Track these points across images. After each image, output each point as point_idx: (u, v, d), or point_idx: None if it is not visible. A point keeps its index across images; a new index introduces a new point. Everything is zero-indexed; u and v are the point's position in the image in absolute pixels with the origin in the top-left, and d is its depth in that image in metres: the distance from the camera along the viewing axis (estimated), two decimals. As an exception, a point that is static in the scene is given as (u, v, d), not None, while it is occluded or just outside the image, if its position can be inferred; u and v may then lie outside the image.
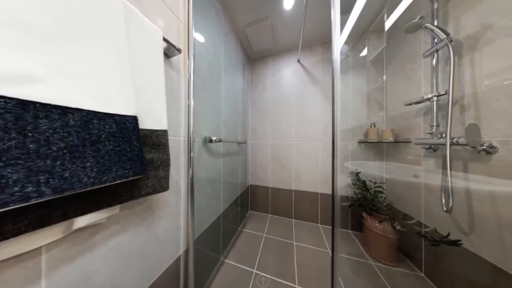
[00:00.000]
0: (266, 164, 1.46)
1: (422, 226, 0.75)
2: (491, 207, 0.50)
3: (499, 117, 0.48)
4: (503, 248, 0.47)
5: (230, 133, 0.99)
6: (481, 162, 0.52)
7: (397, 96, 0.93)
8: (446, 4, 0.64)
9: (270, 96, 1.47)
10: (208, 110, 0.72)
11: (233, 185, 1.07)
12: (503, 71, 0.47)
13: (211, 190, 0.74)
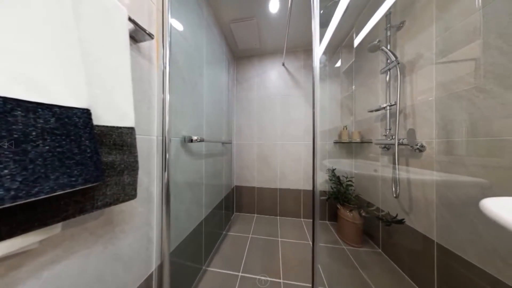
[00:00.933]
0: (252, 164, 1.47)
1: (379, 211, 0.92)
2: (421, 191, 0.67)
3: (426, 124, 0.65)
4: (429, 222, 0.64)
5: (213, 132, 0.94)
6: (416, 158, 0.69)
7: (363, 104, 1.11)
8: (395, 34, 0.81)
9: (256, 96, 1.48)
10: (187, 106, 0.65)
11: (217, 188, 1.02)
12: (428, 90, 0.64)
13: (191, 194, 0.68)
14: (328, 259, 0.92)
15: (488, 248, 0.46)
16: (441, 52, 0.60)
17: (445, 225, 0.59)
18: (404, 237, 0.77)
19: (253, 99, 1.49)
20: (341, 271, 0.82)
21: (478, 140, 0.49)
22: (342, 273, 0.80)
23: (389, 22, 0.83)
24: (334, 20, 0.96)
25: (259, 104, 1.48)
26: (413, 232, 0.71)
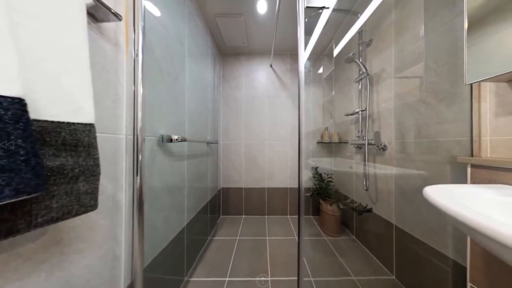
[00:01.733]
0: (239, 164, 1.45)
1: (353, 203, 1.06)
2: (384, 183, 0.81)
3: (388, 127, 0.79)
4: (390, 209, 0.77)
5: (197, 131, 0.88)
6: (381, 155, 0.83)
7: (341, 108, 1.26)
8: (365, 49, 0.95)
9: (244, 96, 1.47)
10: (166, 102, 0.59)
11: (202, 191, 0.96)
12: (389, 99, 0.78)
13: (171, 200, 0.62)
14: (312, 251, 1.00)
15: (428, 227, 0.60)
16: (398, 68, 0.74)
17: (400, 210, 0.72)
18: (372, 223, 0.91)
19: (240, 98, 1.47)
20: (322, 260, 0.91)
21: (421, 141, 0.63)
22: (324, 262, 0.89)
23: (361, 38, 0.97)
24: (317, 30, 1.06)
25: (247, 103, 1.47)
26: (379, 219, 0.84)
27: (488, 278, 0.41)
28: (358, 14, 0.92)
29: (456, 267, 0.49)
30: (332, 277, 0.79)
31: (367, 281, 0.75)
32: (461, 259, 0.48)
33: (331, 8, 0.75)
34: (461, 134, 0.48)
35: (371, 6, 0.81)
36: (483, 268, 0.42)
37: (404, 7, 0.71)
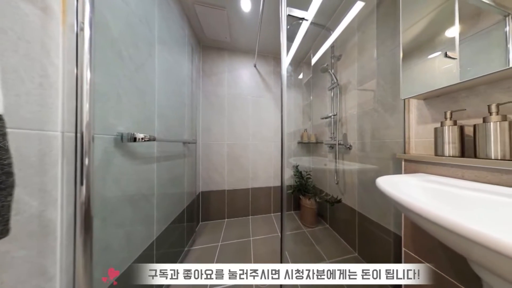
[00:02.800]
0: (222, 165, 1.41)
1: (327, 195, 1.23)
2: (350, 177, 0.98)
3: (352, 130, 0.96)
4: (354, 198, 0.94)
5: (171, 129, 0.78)
6: (347, 154, 0.99)
7: (317, 112, 1.42)
8: (336, 62, 1.12)
9: (227, 93, 1.43)
10: (128, 92, 0.49)
11: (176, 197, 0.86)
12: (353, 107, 0.95)
13: (134, 212, 0.52)
14: (293, 244, 1.09)
15: (379, 209, 0.76)
16: (359, 82, 0.91)
17: (361, 198, 0.89)
18: (341, 212, 1.08)
19: (223, 95, 1.43)
20: (302, 250, 1.01)
21: (374, 141, 0.80)
22: (303, 252, 0.99)
23: (333, 52, 1.13)
24: (298, 38, 1.17)
25: (230, 102, 1.44)
26: (346, 207, 1.01)
27: (414, 242, 0.57)
28: (331, 31, 1.07)
29: (395, 237, 0.66)
30: (311, 263, 0.89)
31: (337, 262, 0.88)
32: (398, 231, 0.65)
33: (310, 21, 0.84)
34: (398, 137, 0.64)
35: (340, 27, 0.97)
36: (411, 236, 0.58)
37: (364, 31, 0.88)
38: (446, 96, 0.51)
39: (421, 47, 0.52)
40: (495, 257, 0.18)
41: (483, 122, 0.39)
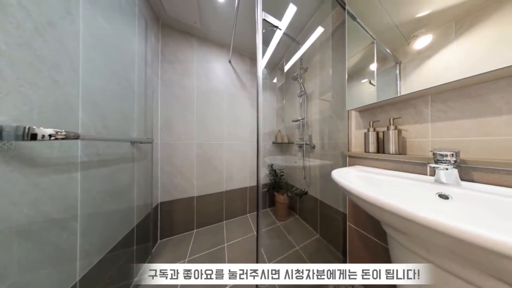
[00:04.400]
0: (189, 168, 1.26)
1: (297, 189, 1.42)
2: (314, 172, 1.19)
3: (315, 132, 1.17)
4: (317, 189, 1.16)
5: (110, 124, 0.61)
6: (312, 152, 1.21)
7: (289, 115, 1.62)
8: (304, 73, 1.32)
9: (197, 86, 1.30)
10: (18, 62, 0.34)
11: (119, 215, 0.67)
12: (316, 113, 1.17)
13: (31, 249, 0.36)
14: (268, 239, 1.16)
15: (334, 196, 0.99)
16: (320, 93, 1.13)
17: (322, 189, 1.11)
18: (307, 202, 1.29)
19: (191, 87, 1.28)
20: (276, 243, 1.13)
21: (330, 142, 1.02)
22: (277, 244, 1.11)
23: (301, 64, 1.33)
24: (272, 43, 1.27)
25: (201, 96, 1.32)
26: (311, 198, 1.22)
27: (354, 217, 0.79)
28: (300, 45, 1.26)
29: (343, 215, 0.88)
30: (283, 254, 0.99)
31: (304, 246, 1.06)
32: (344, 210, 0.87)
33: (283, 30, 0.95)
34: (345, 138, 0.86)
35: (306, 44, 1.16)
36: (353, 213, 0.80)
37: (323, 52, 1.10)
38: (370, 111, 0.74)
39: (358, 73, 0.74)
40: (392, 217, 0.30)
41: (386, 129, 0.61)
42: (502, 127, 0.40)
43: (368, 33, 0.68)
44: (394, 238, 0.43)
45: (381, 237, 0.65)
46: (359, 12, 0.72)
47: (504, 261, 0.18)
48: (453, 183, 0.41)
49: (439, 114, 0.51)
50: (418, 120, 0.56)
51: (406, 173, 0.55)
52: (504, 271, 0.20)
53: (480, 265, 0.24)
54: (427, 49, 0.49)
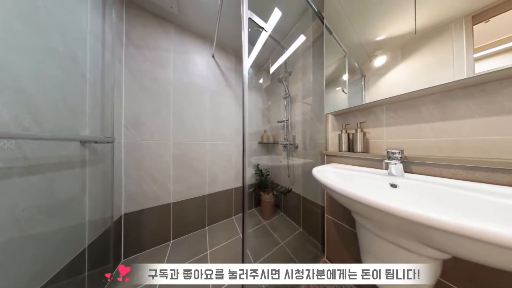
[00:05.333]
0: (165, 172, 1.14)
1: (282, 188, 1.52)
2: (297, 170, 1.30)
3: (299, 133, 1.28)
4: (300, 186, 1.26)
5: (44, 118, 0.50)
6: (295, 152, 1.31)
7: (274, 116, 1.70)
8: (288, 77, 1.42)
9: (174, 79, 1.18)
10: None
11: (62, 236, 0.56)
12: (299, 115, 1.27)
13: None
14: (254, 239, 1.18)
15: (315, 191, 1.10)
16: (303, 97, 1.24)
17: (304, 185, 1.22)
18: (291, 199, 1.39)
19: (167, 79, 1.15)
20: (262, 242, 1.15)
21: (311, 142, 1.14)
22: (263, 243, 1.13)
23: (286, 68, 1.42)
24: (258, 44, 1.31)
25: (179, 90, 1.20)
26: (295, 195, 1.33)
27: (331, 209, 0.90)
28: (285, 49, 1.34)
29: (321, 208, 0.99)
30: (269, 252, 1.04)
31: (288, 241, 1.14)
32: (322, 203, 0.98)
33: (268, 32, 1.00)
34: (323, 139, 0.98)
35: (290, 49, 1.25)
36: (329, 205, 0.91)
37: (305, 59, 1.21)
38: (343, 115, 0.87)
39: (334, 81, 0.85)
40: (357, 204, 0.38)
41: (355, 132, 0.74)
42: (429, 132, 0.55)
43: (341, 47, 0.80)
44: (360, 222, 0.53)
45: (351, 224, 0.78)
46: (334, 27, 0.84)
47: (429, 231, 0.26)
48: (399, 174, 0.54)
49: (391, 120, 0.65)
50: (377, 124, 0.70)
51: (369, 168, 0.67)
52: (429, 238, 0.28)
53: (414, 236, 0.33)
54: (383, 67, 0.62)
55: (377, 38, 0.64)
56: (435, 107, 0.53)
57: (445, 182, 0.45)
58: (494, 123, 0.43)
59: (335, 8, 0.83)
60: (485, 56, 0.40)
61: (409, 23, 0.53)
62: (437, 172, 0.51)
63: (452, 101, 0.50)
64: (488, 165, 0.41)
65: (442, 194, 0.42)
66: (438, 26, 0.47)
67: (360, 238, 0.57)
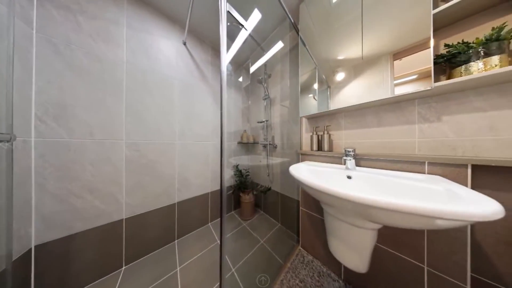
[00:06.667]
0: (113, 179, 0.93)
1: (262, 187, 1.62)
2: (276, 169, 1.43)
3: (277, 133, 1.41)
4: (278, 184, 1.40)
5: None
6: (274, 151, 1.44)
7: (254, 116, 1.79)
8: (268, 79, 1.53)
9: (126, 61, 0.99)
10: None
11: None
12: (278, 116, 1.41)
13: None
14: (233, 243, 1.20)
15: (291, 188, 1.25)
16: (281, 99, 1.38)
17: (282, 183, 1.36)
18: (271, 197, 1.51)
19: (116, 62, 0.95)
20: (242, 244, 1.18)
21: (289, 142, 1.28)
22: (243, 245, 1.17)
23: (265, 70, 1.53)
24: (238, 41, 1.34)
25: (135, 77, 1.03)
26: (274, 192, 1.45)
27: (304, 202, 1.06)
28: (264, 51, 1.44)
29: (297, 202, 1.15)
30: (249, 252, 1.08)
31: (268, 238, 1.25)
32: (298, 197, 1.14)
33: (249, 31, 1.05)
34: (298, 139, 1.13)
35: (270, 52, 1.36)
36: (303, 199, 1.07)
37: (283, 64, 1.35)
38: (314, 118, 1.04)
39: (307, 88, 1.01)
40: (322, 195, 0.49)
41: (323, 134, 0.91)
42: (371, 135, 0.75)
43: (313, 59, 0.96)
44: (326, 210, 0.68)
45: (320, 212, 0.95)
46: (307, 40, 0.99)
47: (371, 210, 0.39)
48: (353, 168, 0.72)
49: (348, 125, 0.84)
50: (338, 128, 0.89)
51: (333, 164, 0.85)
52: (371, 215, 0.42)
53: (362, 214, 0.47)
54: (342, 81, 0.80)
55: (338, 57, 0.82)
56: (374, 116, 0.74)
57: (382, 172, 0.65)
58: (404, 130, 0.65)
59: (308, 24, 0.98)
60: (400, 83, 0.60)
61: (358, 50, 0.72)
62: (377, 165, 0.71)
63: (384, 112, 0.72)
64: (402, 158, 0.62)
65: (380, 181, 0.61)
66: (375, 57, 0.67)
67: (326, 223, 0.72)
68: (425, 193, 0.47)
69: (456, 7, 0.50)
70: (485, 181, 0.49)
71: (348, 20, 0.76)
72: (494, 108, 0.50)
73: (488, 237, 0.49)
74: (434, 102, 0.60)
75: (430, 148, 0.61)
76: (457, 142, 0.56)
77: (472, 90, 0.53)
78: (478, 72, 0.46)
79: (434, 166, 0.55)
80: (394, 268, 0.64)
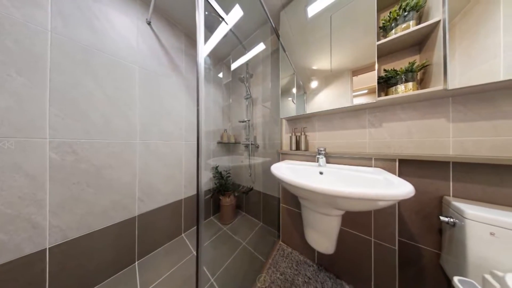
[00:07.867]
0: (25, 196, 0.71)
1: (243, 187, 1.69)
2: (258, 169, 1.53)
3: (259, 133, 1.51)
4: (260, 183, 1.51)
5: None
6: (256, 151, 1.55)
7: (236, 115, 1.84)
8: (250, 79, 1.61)
9: (50, 29, 0.78)
10: None
11: None
12: (260, 117, 1.53)
13: None
14: (213, 251, 1.20)
15: (273, 186, 1.38)
16: (263, 100, 1.49)
17: (264, 182, 1.49)
18: (253, 197, 1.61)
19: (35, 30, 0.73)
20: (222, 250, 1.20)
21: (270, 142, 1.42)
22: (223, 251, 1.19)
23: (247, 69, 1.60)
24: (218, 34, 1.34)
25: (67, 54, 0.82)
26: (256, 192, 1.56)
27: (285, 198, 1.20)
28: (246, 50, 1.51)
29: (278, 199, 1.28)
30: (230, 257, 1.11)
31: (250, 239, 1.35)
32: (278, 195, 1.27)
33: (230, 26, 1.09)
34: (279, 139, 1.27)
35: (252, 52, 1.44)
36: (283, 195, 1.20)
37: (265, 66, 1.45)
38: (293, 120, 1.19)
39: (287, 92, 1.14)
40: (299, 189, 0.60)
41: (300, 134, 1.06)
42: (338, 136, 0.94)
43: (291, 65, 1.09)
44: (303, 204, 0.81)
45: (298, 207, 1.10)
46: (286, 47, 1.12)
47: (337, 199, 0.51)
48: (324, 165, 0.88)
49: (320, 127, 1.02)
50: (313, 129, 1.06)
51: (308, 162, 1.01)
52: (337, 203, 0.56)
53: (330, 204, 0.60)
54: (316, 89, 0.97)
55: (312, 67, 0.98)
56: (340, 121, 0.94)
57: (346, 167, 0.84)
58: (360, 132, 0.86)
59: (287, 32, 1.12)
60: (357, 95, 0.79)
61: (328, 63, 0.89)
62: (342, 162, 0.90)
63: (347, 118, 0.93)
64: (358, 155, 0.82)
65: (345, 175, 0.79)
66: (340, 71, 0.85)
67: (303, 215, 0.86)
68: (372, 182, 0.66)
69: (390, 43, 0.73)
70: (406, 170, 0.74)
71: (321, 36, 0.93)
72: (410, 119, 0.75)
73: (406, 210, 0.73)
74: (378, 112, 0.83)
75: (375, 147, 0.85)
76: (391, 143, 0.81)
77: (398, 105, 0.79)
78: (402, 92, 0.69)
79: (378, 161, 0.77)
80: (353, 244, 0.84)
